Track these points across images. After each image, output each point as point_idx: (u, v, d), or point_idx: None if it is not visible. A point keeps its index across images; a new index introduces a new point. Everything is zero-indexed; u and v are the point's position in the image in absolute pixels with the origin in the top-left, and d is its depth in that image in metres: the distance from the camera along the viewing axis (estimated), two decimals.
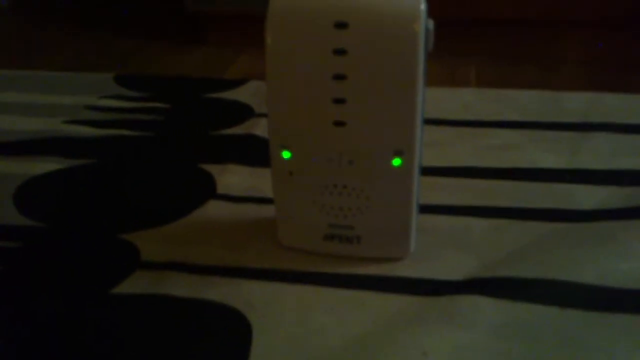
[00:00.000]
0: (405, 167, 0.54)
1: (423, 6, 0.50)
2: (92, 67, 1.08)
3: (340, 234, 0.58)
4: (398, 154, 0.53)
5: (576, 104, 0.87)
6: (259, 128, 0.83)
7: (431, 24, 0.51)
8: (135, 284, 0.57)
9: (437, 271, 0.57)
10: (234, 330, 0.52)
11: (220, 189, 0.71)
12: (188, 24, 1.26)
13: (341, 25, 0.50)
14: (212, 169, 0.75)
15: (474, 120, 0.83)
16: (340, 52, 0.50)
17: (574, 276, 0.56)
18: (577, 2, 1.05)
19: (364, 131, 0.53)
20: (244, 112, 0.88)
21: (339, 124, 0.52)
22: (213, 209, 0.67)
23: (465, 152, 0.76)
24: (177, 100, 0.93)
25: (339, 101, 0.52)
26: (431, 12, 0.51)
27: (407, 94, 0.51)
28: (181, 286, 0.57)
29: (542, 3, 1.06)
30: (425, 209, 0.62)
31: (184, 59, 1.14)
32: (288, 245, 0.61)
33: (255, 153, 0.77)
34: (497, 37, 1.10)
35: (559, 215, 0.65)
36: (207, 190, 0.71)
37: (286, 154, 0.55)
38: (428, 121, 0.54)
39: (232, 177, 0.73)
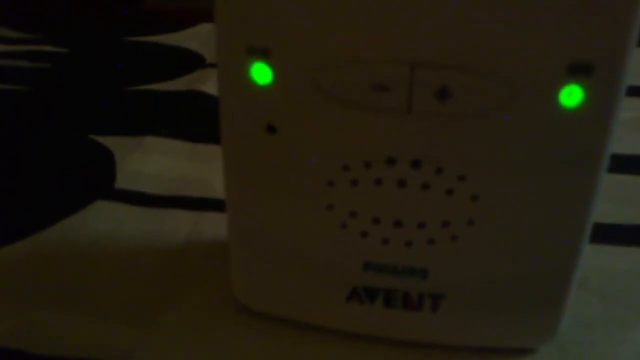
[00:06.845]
0: (593, 111, 0.19)
1: None
2: None
3: (390, 287, 0.23)
4: (579, 71, 0.19)
5: None
6: (210, 82, 0.47)
7: None
8: None
9: None
10: None
11: (122, 180, 0.35)
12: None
13: None
14: (117, 143, 0.39)
15: None
16: None
17: None
18: None
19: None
20: (190, 61, 0.53)
21: None
22: (98, 221, 0.32)
23: None
24: (81, 44, 0.57)
25: None
26: None
27: None
28: None
29: None
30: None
31: None
32: (258, 310, 0.26)
33: (200, 120, 0.42)
34: None
35: None
36: (97, 181, 0.35)
37: (261, 72, 0.20)
38: None
39: (151, 159, 0.37)
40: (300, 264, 0.24)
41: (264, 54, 0.20)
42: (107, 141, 0.39)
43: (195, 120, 0.42)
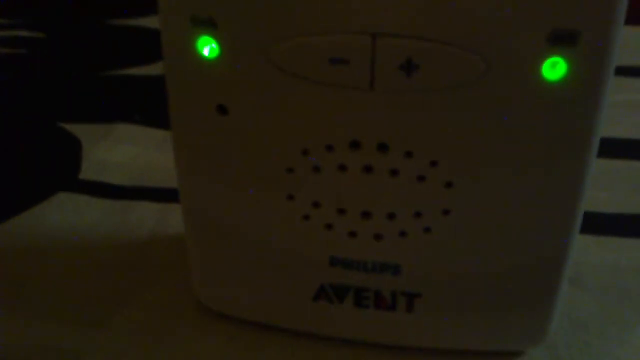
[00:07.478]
0: (578, 86, 0.17)
1: None
2: None
3: (360, 285, 0.21)
4: (562, 41, 0.16)
5: None
6: None
7: None
8: None
9: None
10: None
11: (88, 171, 0.33)
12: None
13: None
14: (86, 131, 0.37)
15: None
16: None
17: None
18: None
19: None
20: None
21: None
22: (58, 215, 0.30)
23: None
24: (59, 28, 0.55)
25: None
26: None
27: None
28: None
29: None
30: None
31: None
32: (220, 311, 0.23)
33: None
34: None
35: None
36: (61, 172, 0.33)
37: (207, 45, 0.18)
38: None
39: (119, 148, 0.35)
40: (262, 260, 0.22)
41: (210, 25, 0.18)
42: (77, 129, 0.37)
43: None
